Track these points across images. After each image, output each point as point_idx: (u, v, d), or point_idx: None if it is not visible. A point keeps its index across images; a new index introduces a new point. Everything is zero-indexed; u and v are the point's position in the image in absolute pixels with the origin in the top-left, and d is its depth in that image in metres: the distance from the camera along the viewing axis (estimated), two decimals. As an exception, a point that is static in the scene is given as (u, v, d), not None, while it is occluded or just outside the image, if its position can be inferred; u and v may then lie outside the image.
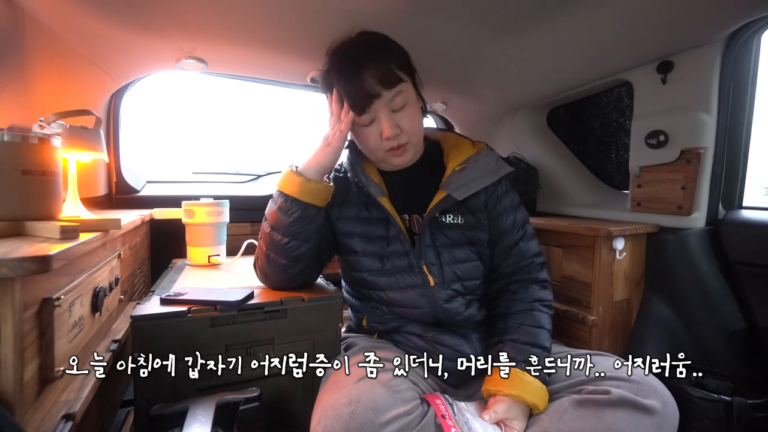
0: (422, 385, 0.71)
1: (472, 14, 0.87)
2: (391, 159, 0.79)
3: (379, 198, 0.79)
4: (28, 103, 0.83)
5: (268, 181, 1.66)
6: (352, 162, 0.85)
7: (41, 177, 0.61)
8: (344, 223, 0.83)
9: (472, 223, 0.81)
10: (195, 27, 0.93)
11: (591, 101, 1.31)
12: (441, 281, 0.78)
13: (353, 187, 0.85)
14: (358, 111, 0.75)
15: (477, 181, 0.79)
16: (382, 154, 0.79)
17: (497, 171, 0.82)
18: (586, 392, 0.62)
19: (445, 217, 0.81)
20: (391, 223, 0.79)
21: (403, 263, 0.79)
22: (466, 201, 0.80)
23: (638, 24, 0.86)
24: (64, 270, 0.59)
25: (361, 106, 0.74)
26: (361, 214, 0.83)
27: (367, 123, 0.76)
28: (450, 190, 0.78)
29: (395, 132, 0.75)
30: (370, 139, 0.77)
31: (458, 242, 0.80)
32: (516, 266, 0.83)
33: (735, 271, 0.97)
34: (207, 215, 1.09)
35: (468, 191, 0.78)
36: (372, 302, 0.85)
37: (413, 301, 0.79)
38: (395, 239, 0.80)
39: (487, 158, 0.83)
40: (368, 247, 0.81)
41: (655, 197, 1.04)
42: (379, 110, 0.75)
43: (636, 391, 0.60)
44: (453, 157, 0.84)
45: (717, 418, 0.81)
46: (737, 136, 0.98)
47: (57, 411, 0.53)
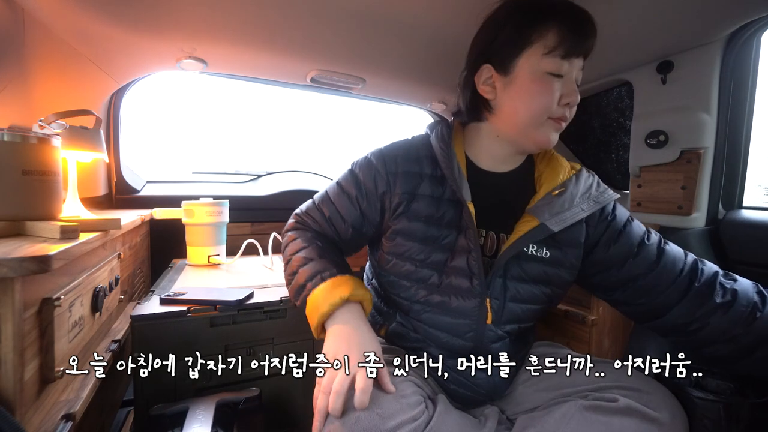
0: (425, 387, 0.68)
1: (473, 14, 0.87)
2: (547, 130, 0.65)
3: (467, 203, 0.65)
4: (28, 103, 0.83)
5: (268, 181, 1.66)
6: (446, 142, 0.69)
7: (41, 177, 0.61)
8: (405, 223, 0.67)
9: (558, 259, 0.68)
10: (195, 27, 0.93)
11: (591, 101, 1.31)
12: (498, 320, 0.66)
13: (424, 177, 0.69)
14: (563, 52, 0.61)
15: (576, 209, 0.66)
16: (540, 120, 0.64)
17: (600, 198, 0.68)
18: (593, 398, 0.61)
19: (529, 248, 0.67)
20: (463, 235, 0.66)
21: (463, 286, 0.65)
22: (558, 233, 0.65)
23: (638, 24, 0.86)
24: (64, 270, 0.59)
25: (573, 49, 0.61)
26: (433, 215, 0.67)
27: (556, 72, 0.62)
28: (544, 219, 0.64)
29: (576, 99, 0.63)
30: (544, 95, 0.62)
31: (534, 279, 0.67)
32: (681, 272, 0.66)
33: (735, 271, 0.97)
34: (207, 215, 1.09)
35: (566, 221, 0.65)
36: (403, 315, 0.72)
37: (458, 331, 0.67)
38: (463, 255, 0.65)
39: (588, 182, 0.70)
40: (430, 256, 0.66)
41: (655, 197, 1.04)
42: (575, 69, 0.64)
43: (646, 402, 0.58)
44: (548, 178, 0.70)
45: (717, 418, 0.81)
46: (737, 136, 0.98)
47: (57, 411, 0.53)
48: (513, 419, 0.68)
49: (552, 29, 0.62)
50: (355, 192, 0.71)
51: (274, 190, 1.52)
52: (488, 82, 0.68)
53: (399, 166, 0.69)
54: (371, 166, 0.71)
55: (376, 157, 0.71)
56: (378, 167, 0.70)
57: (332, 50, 1.07)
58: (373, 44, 1.02)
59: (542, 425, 0.61)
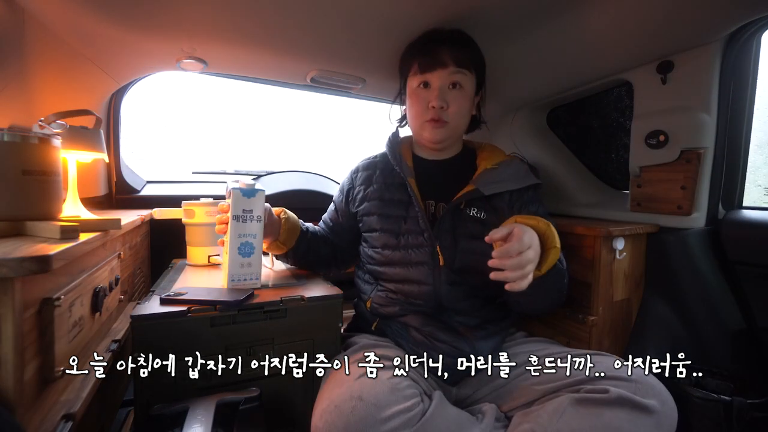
0: (423, 384, 0.71)
1: (472, 15, 0.88)
2: (428, 129, 0.87)
3: (408, 178, 0.86)
4: (28, 103, 0.83)
5: (268, 181, 1.66)
6: (393, 142, 0.94)
7: (41, 177, 0.61)
8: (366, 204, 0.92)
9: (494, 222, 0.83)
10: (195, 27, 0.93)
11: (591, 101, 1.31)
12: (451, 263, 0.81)
13: (377, 171, 0.94)
14: (422, 68, 0.85)
15: (506, 182, 0.86)
16: (421, 122, 0.88)
17: (526, 179, 0.88)
18: (584, 391, 0.62)
19: (469, 209, 0.85)
20: (413, 205, 0.85)
21: (417, 241, 0.84)
22: (491, 199, 0.85)
23: (638, 24, 0.86)
24: (64, 270, 0.59)
25: (427, 65, 0.84)
26: (384, 195, 0.90)
27: (419, 84, 0.86)
28: (478, 185, 0.84)
29: (441, 104, 0.84)
30: (418, 106, 0.87)
31: (478, 236, 0.80)
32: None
33: (735, 271, 0.97)
34: (207, 215, 1.09)
35: (495, 189, 0.84)
36: (380, 281, 0.89)
37: (420, 276, 0.82)
38: (414, 219, 0.85)
39: (518, 166, 0.90)
40: (386, 224, 0.87)
41: (655, 197, 1.04)
42: (438, 79, 0.84)
43: (634, 390, 0.60)
44: (486, 160, 0.91)
45: (717, 418, 0.81)
46: (737, 136, 0.98)
47: (57, 411, 0.53)
48: (510, 415, 0.69)
49: (415, 59, 0.88)
50: (336, 195, 1.04)
51: (274, 190, 1.52)
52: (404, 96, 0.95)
53: (360, 167, 0.99)
54: (345, 178, 1.02)
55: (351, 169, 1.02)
56: (348, 176, 1.01)
57: (332, 50, 1.07)
58: (373, 44, 1.02)
59: (536, 421, 0.62)
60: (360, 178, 0.96)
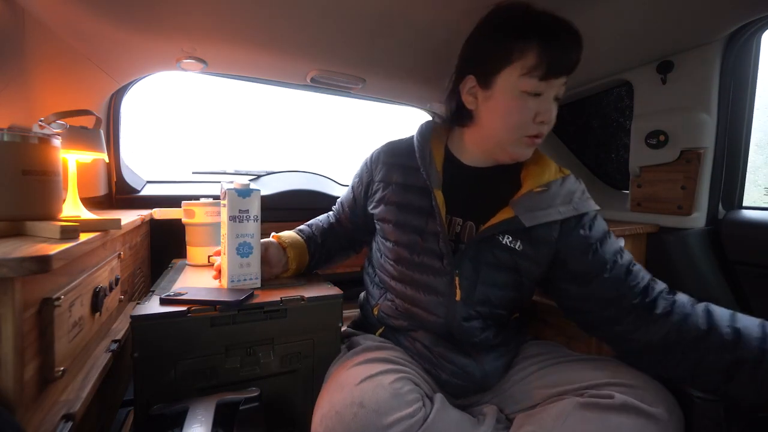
0: (424, 387, 0.69)
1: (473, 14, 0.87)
2: (521, 147, 0.70)
3: (435, 190, 0.72)
4: (28, 103, 0.83)
5: (268, 181, 1.66)
6: (423, 137, 0.77)
7: (41, 177, 0.61)
8: (382, 208, 0.79)
9: (529, 254, 0.70)
10: (195, 27, 0.93)
11: (591, 101, 1.31)
12: (468, 299, 0.71)
13: (399, 163, 0.79)
14: (541, 74, 0.63)
15: (554, 209, 0.69)
16: (516, 136, 0.68)
17: (580, 205, 0.70)
18: (589, 396, 0.61)
19: (502, 237, 0.70)
20: (434, 217, 0.72)
21: (434, 265, 0.72)
22: (532, 229, 0.69)
23: (638, 24, 0.86)
24: (64, 270, 0.59)
25: (552, 71, 0.63)
26: (402, 199, 0.76)
27: (533, 91, 0.64)
28: (519, 212, 0.68)
29: (550, 118, 0.67)
30: (522, 114, 0.66)
31: (505, 266, 0.71)
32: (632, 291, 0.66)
33: (735, 271, 0.97)
34: (207, 215, 1.09)
35: (539, 219, 0.68)
36: (390, 292, 0.80)
37: (430, 307, 0.73)
38: (433, 237, 0.72)
39: (572, 188, 0.72)
40: (402, 237, 0.75)
41: (655, 197, 1.04)
42: (554, 88, 0.66)
43: (641, 398, 0.58)
44: (533, 175, 0.73)
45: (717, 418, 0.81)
46: (737, 136, 0.98)
47: (57, 411, 0.53)
48: (511, 417, 0.68)
49: (532, 50, 0.63)
50: (355, 180, 0.90)
51: (274, 190, 1.52)
52: (471, 92, 0.72)
53: (382, 157, 0.83)
54: (366, 160, 0.87)
55: (373, 152, 0.87)
56: (368, 160, 0.87)
57: (332, 50, 1.07)
58: (373, 44, 1.02)
59: (539, 423, 0.61)
60: (380, 171, 0.82)
